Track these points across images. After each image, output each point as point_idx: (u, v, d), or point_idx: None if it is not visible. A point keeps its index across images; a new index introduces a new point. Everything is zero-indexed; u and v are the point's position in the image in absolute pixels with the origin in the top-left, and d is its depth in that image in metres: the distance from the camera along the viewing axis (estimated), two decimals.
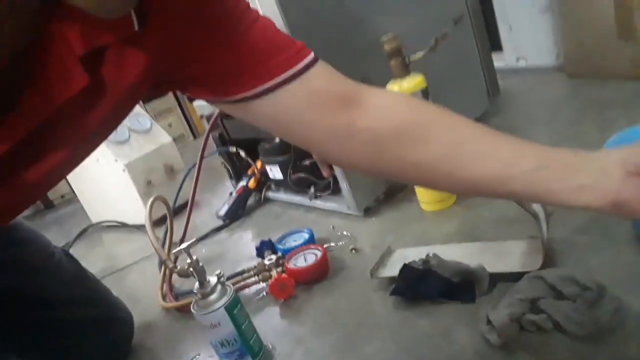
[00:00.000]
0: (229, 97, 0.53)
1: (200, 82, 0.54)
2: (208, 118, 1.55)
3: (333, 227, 1.17)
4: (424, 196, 1.08)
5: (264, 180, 1.49)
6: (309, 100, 0.51)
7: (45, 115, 0.44)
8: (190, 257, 0.76)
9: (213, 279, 0.77)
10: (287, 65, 0.51)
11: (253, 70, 0.51)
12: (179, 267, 0.80)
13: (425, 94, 0.98)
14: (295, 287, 0.95)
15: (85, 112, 0.47)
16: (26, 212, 2.92)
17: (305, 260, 0.99)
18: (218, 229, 1.45)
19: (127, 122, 1.70)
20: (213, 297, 0.75)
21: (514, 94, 1.57)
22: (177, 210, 1.56)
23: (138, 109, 1.77)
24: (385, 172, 0.56)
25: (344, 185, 1.12)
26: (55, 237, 2.11)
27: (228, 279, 1.04)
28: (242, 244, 1.31)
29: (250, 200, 1.52)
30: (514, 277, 0.71)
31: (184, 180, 1.57)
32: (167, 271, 1.22)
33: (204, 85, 0.54)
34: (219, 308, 0.74)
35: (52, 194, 2.76)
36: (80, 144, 0.52)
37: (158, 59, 0.49)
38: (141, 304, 1.17)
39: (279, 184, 1.42)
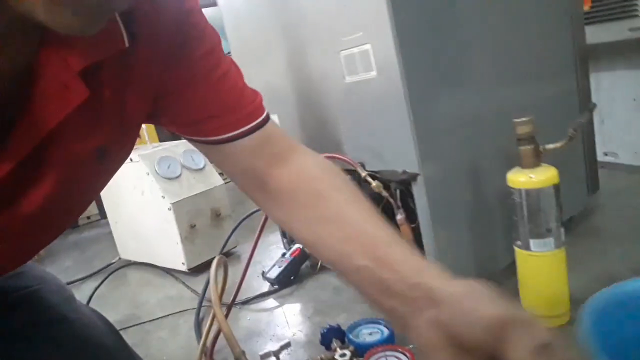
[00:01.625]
0: (189, 136, 0.58)
1: (172, 117, 0.58)
2: None
3: None
4: (529, 305, 0.91)
5: None
6: (252, 153, 0.58)
7: (44, 133, 0.42)
8: None
9: None
10: (247, 121, 0.57)
11: (218, 121, 0.56)
12: None
13: (557, 190, 0.83)
14: None
15: (84, 131, 0.47)
16: None
17: None
18: (265, 294, 1.29)
19: (180, 159, 1.59)
20: None
21: (611, 193, 1.41)
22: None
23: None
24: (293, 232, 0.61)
25: None
26: (75, 264, 1.97)
27: None
28: (296, 320, 1.14)
29: (302, 266, 1.36)
30: None
31: (233, 230, 1.42)
32: (207, 339, 1.06)
33: (172, 120, 0.58)
34: None
35: None
36: (82, 170, 0.50)
37: (150, 80, 0.51)
38: None
39: None
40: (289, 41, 1.14)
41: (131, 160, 1.55)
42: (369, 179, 0.98)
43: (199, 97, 0.55)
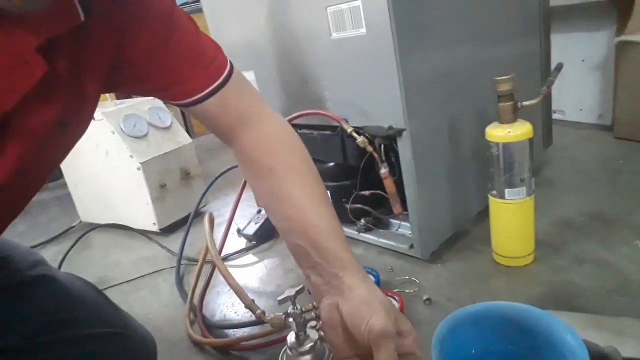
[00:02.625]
0: (164, 99, 0.63)
1: (132, 86, 0.61)
2: None
3: (391, 269, 1.07)
4: (500, 248, 1.00)
5: None
6: (215, 113, 0.63)
7: (8, 107, 0.44)
8: (294, 304, 0.62)
9: (313, 334, 0.64)
10: (207, 83, 0.60)
11: (178, 88, 0.60)
12: (272, 316, 0.66)
13: (531, 143, 0.90)
14: None
15: (44, 104, 0.48)
16: None
17: None
18: (245, 250, 1.31)
19: (146, 116, 1.53)
20: (309, 357, 0.62)
21: (561, 147, 1.53)
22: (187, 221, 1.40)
23: (159, 102, 1.61)
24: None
25: (414, 221, 1.02)
26: (30, 229, 1.88)
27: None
28: (279, 273, 1.17)
29: None
30: None
31: (206, 190, 1.41)
32: (195, 294, 1.08)
33: (133, 89, 0.62)
34: None
35: None
36: (44, 142, 0.51)
37: (105, 53, 0.53)
38: (161, 333, 1.00)
39: None
40: None
41: (94, 118, 1.47)
42: (355, 135, 1.01)
43: (157, 67, 0.58)
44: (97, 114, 1.46)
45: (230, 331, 0.98)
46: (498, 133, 0.90)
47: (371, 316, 0.48)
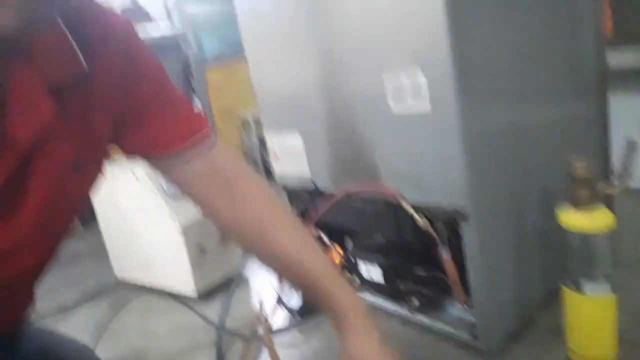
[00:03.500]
0: (151, 156, 0.62)
1: (132, 143, 0.61)
2: (290, 192, 1.37)
3: None
4: (577, 345, 0.90)
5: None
6: (203, 173, 0.63)
7: (23, 149, 0.45)
8: None
9: None
10: (196, 143, 0.61)
11: (172, 143, 0.61)
12: None
13: (613, 234, 0.82)
14: None
15: (56, 145, 0.49)
16: None
17: None
18: (289, 327, 1.24)
19: None
20: None
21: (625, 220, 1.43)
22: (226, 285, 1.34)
23: None
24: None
25: (478, 310, 0.94)
26: (63, 284, 1.85)
27: None
28: (330, 356, 1.09)
29: None
30: None
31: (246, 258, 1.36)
32: None
33: (133, 147, 0.62)
34: None
35: None
36: (61, 184, 0.52)
37: (108, 103, 0.55)
38: None
39: (368, 283, 1.23)
40: (322, 51, 1.06)
41: (134, 175, 1.46)
42: (416, 216, 0.95)
43: (154, 127, 0.60)
44: (138, 172, 1.45)
45: None
46: (576, 221, 0.83)
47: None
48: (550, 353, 0.95)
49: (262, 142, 2.90)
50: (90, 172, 0.58)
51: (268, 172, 2.89)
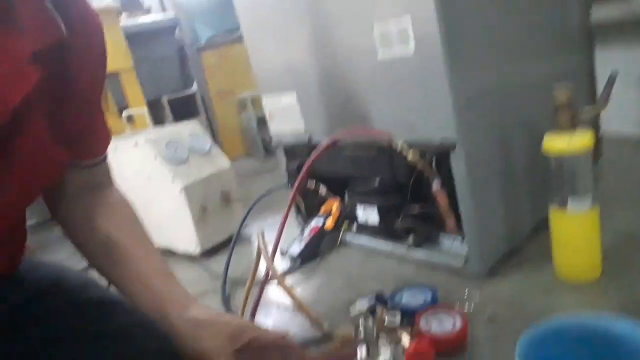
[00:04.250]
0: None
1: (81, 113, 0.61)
2: (286, 148, 1.42)
3: (446, 286, 1.02)
4: (564, 262, 0.95)
5: (340, 222, 1.35)
6: (85, 182, 0.66)
7: (8, 113, 0.45)
8: (366, 319, 0.60)
9: (385, 352, 0.61)
10: (97, 154, 0.66)
11: (95, 141, 0.65)
12: (341, 331, 0.63)
13: (596, 152, 0.87)
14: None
15: (35, 110, 0.50)
16: (29, 222, 2.68)
17: (442, 324, 0.84)
18: (290, 270, 1.29)
19: (186, 142, 1.55)
20: None
21: (610, 160, 1.48)
22: (228, 243, 1.39)
23: (198, 128, 1.63)
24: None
25: (470, 235, 0.99)
26: (70, 257, 1.89)
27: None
28: (330, 293, 1.14)
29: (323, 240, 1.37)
30: None
31: (247, 213, 1.41)
32: (245, 314, 1.05)
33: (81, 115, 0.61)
34: None
35: None
36: (42, 147, 0.53)
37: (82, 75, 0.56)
38: None
39: (364, 228, 1.28)
40: (313, 16, 1.13)
41: (136, 144, 1.50)
42: (405, 151, 0.99)
43: (88, 109, 0.61)
44: (139, 139, 1.49)
45: None
46: (557, 145, 0.87)
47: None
48: (538, 273, 1.00)
49: (260, 122, 2.95)
50: (65, 140, 0.59)
51: (267, 151, 2.94)
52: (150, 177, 1.51)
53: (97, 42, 0.59)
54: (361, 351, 0.60)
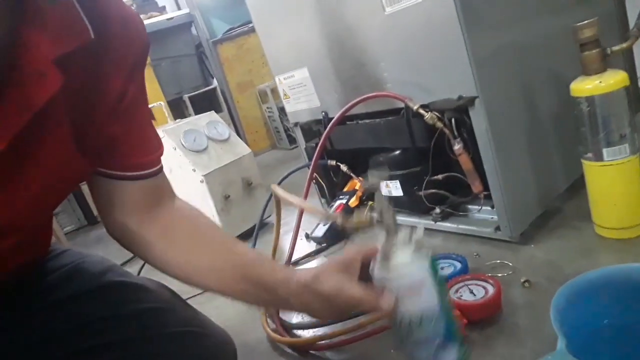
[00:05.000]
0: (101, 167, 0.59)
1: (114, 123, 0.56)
2: (303, 127, 1.39)
3: (477, 255, 0.97)
4: (603, 219, 0.88)
5: (364, 199, 1.31)
6: (139, 195, 0.62)
7: (27, 117, 0.44)
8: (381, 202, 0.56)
9: (404, 233, 0.57)
10: (149, 166, 0.62)
11: (129, 158, 0.60)
12: (358, 218, 0.62)
13: (628, 92, 0.79)
14: (465, 328, 0.74)
15: (59, 115, 0.49)
16: (67, 228, 2.77)
17: (473, 293, 0.79)
18: (316, 252, 1.26)
19: (204, 130, 1.54)
20: (406, 254, 0.55)
21: None
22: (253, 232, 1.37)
23: (216, 117, 1.62)
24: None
25: (498, 199, 0.93)
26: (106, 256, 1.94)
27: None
28: None
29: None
30: None
31: (269, 199, 1.38)
32: None
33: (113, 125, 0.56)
34: (421, 265, 0.53)
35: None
36: (66, 153, 0.51)
37: (115, 81, 0.53)
38: (238, 338, 0.96)
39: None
40: None
41: None
42: (422, 111, 0.94)
43: (130, 120, 0.58)
44: (159, 131, 1.49)
45: (309, 332, 0.92)
46: (586, 86, 0.80)
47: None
48: (577, 233, 0.93)
49: (282, 112, 2.93)
50: (92, 149, 0.55)
51: (291, 139, 2.93)
52: (171, 169, 1.51)
53: (133, 49, 0.55)
54: (380, 235, 0.56)
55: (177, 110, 2.85)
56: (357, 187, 1.30)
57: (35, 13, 0.43)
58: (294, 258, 1.24)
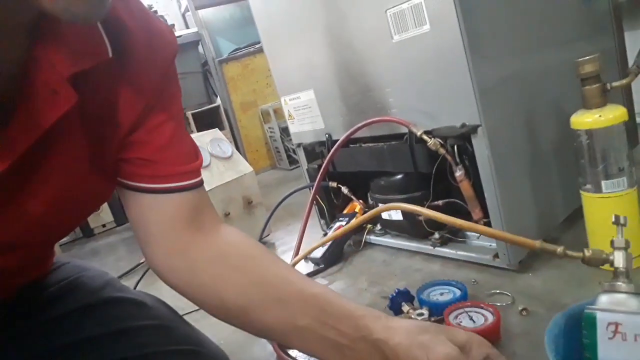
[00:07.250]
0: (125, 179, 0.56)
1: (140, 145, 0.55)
2: (306, 148, 1.40)
3: (475, 282, 0.98)
4: (605, 249, 0.89)
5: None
6: (174, 212, 0.57)
7: (36, 135, 0.43)
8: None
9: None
10: (184, 178, 0.57)
11: (158, 170, 0.55)
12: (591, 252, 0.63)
13: (627, 127, 0.81)
14: None
15: (73, 134, 0.48)
16: (63, 240, 2.76)
17: (473, 320, 0.79)
18: (313, 274, 1.26)
19: (208, 147, 1.56)
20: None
21: None
22: None
23: (219, 134, 1.64)
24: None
25: (497, 226, 0.94)
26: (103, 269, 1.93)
27: None
28: (352, 293, 1.11)
29: (345, 245, 1.34)
30: None
31: (269, 217, 1.40)
32: None
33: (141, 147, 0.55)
34: None
35: (93, 222, 2.61)
36: (77, 173, 0.51)
37: (134, 101, 0.52)
38: (234, 357, 0.95)
39: (388, 226, 1.24)
40: (327, 13, 1.12)
41: None
42: (425, 137, 0.96)
43: (160, 136, 0.55)
44: None
45: None
46: (586, 119, 0.82)
47: (427, 353, 0.46)
48: (574, 263, 0.93)
49: (284, 132, 2.96)
50: (107, 170, 0.54)
51: (291, 160, 2.94)
52: None
53: (156, 70, 0.53)
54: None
55: None
56: (357, 210, 1.31)
57: (52, 30, 0.42)
58: None
